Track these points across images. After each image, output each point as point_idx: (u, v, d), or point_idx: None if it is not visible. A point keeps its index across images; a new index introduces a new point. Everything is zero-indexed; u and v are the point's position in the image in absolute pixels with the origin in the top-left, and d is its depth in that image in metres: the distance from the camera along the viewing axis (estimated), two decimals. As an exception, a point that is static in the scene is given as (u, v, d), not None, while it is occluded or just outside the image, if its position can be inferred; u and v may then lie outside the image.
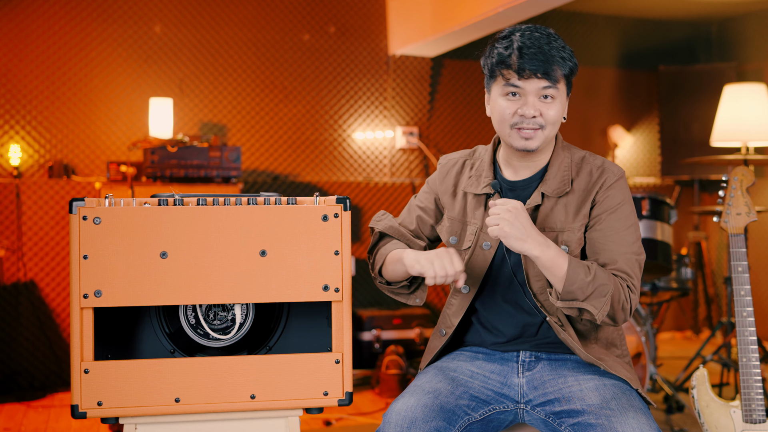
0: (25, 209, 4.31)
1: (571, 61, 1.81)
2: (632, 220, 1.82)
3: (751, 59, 5.52)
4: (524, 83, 1.76)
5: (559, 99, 1.80)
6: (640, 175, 5.79)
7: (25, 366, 4.29)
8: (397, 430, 1.68)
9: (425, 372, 1.89)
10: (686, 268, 3.86)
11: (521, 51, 1.75)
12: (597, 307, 1.70)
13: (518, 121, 1.79)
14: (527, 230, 1.68)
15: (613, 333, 1.89)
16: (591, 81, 5.68)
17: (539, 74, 1.75)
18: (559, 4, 3.83)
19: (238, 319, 1.70)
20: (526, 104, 1.77)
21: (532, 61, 1.74)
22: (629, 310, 1.75)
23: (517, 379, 1.86)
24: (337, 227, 1.68)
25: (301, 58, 4.87)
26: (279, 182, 4.82)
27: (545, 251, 1.69)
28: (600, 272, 1.72)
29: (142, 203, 1.63)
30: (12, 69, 4.34)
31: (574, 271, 1.69)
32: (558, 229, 1.82)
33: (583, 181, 1.84)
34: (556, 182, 1.84)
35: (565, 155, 1.88)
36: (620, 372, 1.81)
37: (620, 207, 1.81)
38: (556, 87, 1.78)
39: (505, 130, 1.81)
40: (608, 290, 1.70)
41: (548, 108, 1.79)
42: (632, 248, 1.79)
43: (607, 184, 1.82)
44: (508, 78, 1.78)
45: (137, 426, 1.67)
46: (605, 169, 1.84)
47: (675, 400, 3.64)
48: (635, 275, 1.78)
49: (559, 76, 1.78)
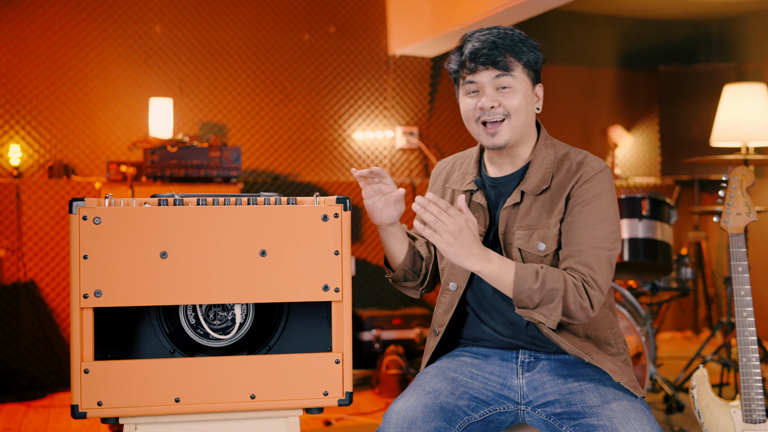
0: (25, 209, 4.31)
1: (531, 51, 1.82)
2: (608, 214, 1.79)
3: (751, 59, 5.52)
4: (477, 76, 1.80)
5: (520, 88, 1.81)
6: (640, 175, 5.79)
7: (25, 366, 4.29)
8: (397, 429, 1.68)
9: (425, 372, 1.89)
10: (686, 268, 3.86)
11: (472, 50, 1.80)
12: (545, 314, 1.70)
13: (480, 115, 1.81)
14: (467, 249, 1.67)
15: (606, 331, 1.87)
16: (591, 81, 5.68)
17: (489, 65, 1.78)
18: (559, 4, 3.84)
19: (238, 319, 1.70)
20: (484, 97, 1.80)
21: (481, 55, 1.78)
22: (588, 308, 1.72)
23: (517, 381, 1.86)
24: (337, 227, 1.68)
25: (301, 58, 4.87)
26: (279, 182, 4.82)
27: (486, 266, 1.69)
28: (550, 276, 1.70)
29: (142, 203, 1.63)
30: (12, 69, 4.34)
31: (520, 281, 1.70)
32: (535, 226, 1.82)
33: (561, 177, 1.84)
34: (537, 180, 1.84)
35: (548, 152, 1.87)
36: (605, 365, 1.80)
37: (594, 200, 1.79)
38: (512, 75, 1.80)
39: (473, 128, 1.85)
40: (557, 295, 1.70)
41: (506, 97, 1.80)
42: (602, 242, 1.77)
43: (583, 179, 1.81)
44: (464, 76, 1.83)
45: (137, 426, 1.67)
46: (584, 164, 1.83)
47: (675, 400, 3.64)
48: (599, 270, 1.75)
49: (514, 65, 1.80)
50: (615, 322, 1.91)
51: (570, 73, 5.61)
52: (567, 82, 5.61)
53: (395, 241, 1.91)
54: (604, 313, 1.87)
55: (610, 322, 1.89)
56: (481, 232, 1.87)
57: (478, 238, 1.71)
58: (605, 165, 1.85)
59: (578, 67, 5.64)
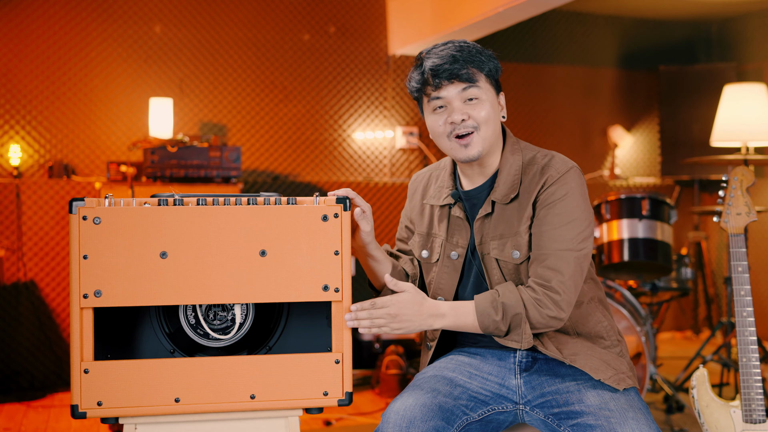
0: (25, 209, 4.31)
1: (489, 61, 1.83)
2: (574, 215, 1.78)
3: (751, 59, 5.52)
4: (442, 92, 1.80)
5: (486, 98, 1.81)
6: (640, 175, 5.79)
7: (25, 366, 4.29)
8: (396, 429, 1.68)
9: (424, 372, 1.89)
10: (686, 268, 3.86)
11: (432, 66, 1.80)
12: (517, 340, 1.75)
13: (452, 130, 1.81)
14: (415, 320, 1.72)
15: (597, 326, 1.87)
16: (591, 81, 5.68)
17: (453, 79, 1.78)
18: (559, 4, 3.84)
19: (238, 319, 1.70)
20: (453, 111, 1.80)
21: (443, 70, 1.78)
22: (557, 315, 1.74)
23: (515, 380, 1.86)
24: (337, 227, 1.68)
25: (301, 58, 4.87)
26: (279, 182, 4.82)
27: (442, 321, 1.75)
28: (508, 303, 1.73)
29: (142, 203, 1.63)
30: (12, 69, 4.34)
31: (483, 317, 1.73)
32: (508, 234, 1.82)
33: (528, 183, 1.83)
34: (506, 188, 1.84)
35: (515, 158, 1.86)
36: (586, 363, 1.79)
37: (560, 202, 1.78)
38: (477, 86, 1.80)
39: (444, 144, 1.84)
40: (521, 318, 1.73)
41: (475, 109, 1.80)
42: (569, 244, 1.76)
43: (549, 182, 1.80)
44: (429, 94, 1.82)
45: (137, 426, 1.67)
46: (549, 167, 1.82)
47: (675, 400, 3.64)
48: (565, 271, 1.75)
49: (478, 75, 1.81)
50: (606, 315, 1.90)
51: (570, 73, 5.61)
52: (567, 82, 5.61)
53: (377, 263, 1.91)
54: (592, 307, 1.87)
55: (600, 316, 1.88)
56: (462, 245, 1.89)
57: (422, 300, 1.74)
58: (572, 165, 1.83)
59: (578, 67, 5.64)
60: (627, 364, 1.87)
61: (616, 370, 1.81)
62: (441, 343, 1.98)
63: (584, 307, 1.86)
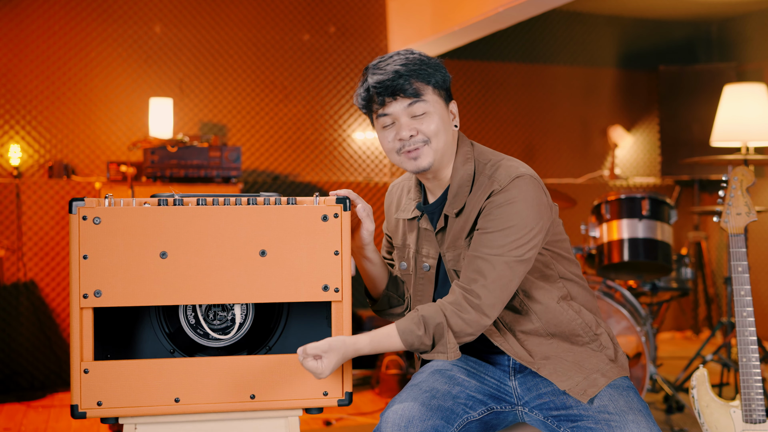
0: (25, 209, 4.31)
1: (437, 72, 1.79)
2: (512, 221, 1.72)
3: (751, 59, 5.52)
4: (389, 108, 1.77)
5: (435, 111, 1.78)
6: (640, 175, 5.79)
7: (25, 366, 4.29)
8: (395, 428, 1.68)
9: (421, 371, 1.89)
10: (686, 268, 3.86)
11: (376, 83, 1.77)
12: (443, 351, 1.70)
13: (400, 146, 1.78)
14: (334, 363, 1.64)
15: (571, 323, 1.83)
16: (591, 81, 5.68)
17: (398, 95, 1.75)
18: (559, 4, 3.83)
19: (238, 319, 1.70)
20: (401, 127, 1.77)
21: (386, 87, 1.75)
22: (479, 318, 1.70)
23: (510, 382, 1.86)
24: (337, 227, 1.68)
25: (301, 58, 4.87)
26: (279, 182, 4.82)
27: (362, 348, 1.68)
28: (429, 315, 1.70)
29: (142, 203, 1.63)
30: (12, 69, 4.34)
31: (405, 335, 1.69)
32: (459, 246, 1.81)
33: (474, 194, 1.80)
34: (457, 201, 1.81)
35: (465, 169, 1.83)
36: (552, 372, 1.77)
37: (498, 209, 1.74)
38: (424, 100, 1.77)
39: (395, 158, 1.82)
40: (443, 328, 1.69)
41: (423, 123, 1.77)
42: (500, 250, 1.71)
43: (493, 194, 1.76)
44: (376, 111, 1.80)
45: (137, 426, 1.67)
46: (493, 179, 1.77)
47: (675, 400, 3.64)
48: (489, 275, 1.70)
49: (423, 88, 1.77)
50: (582, 312, 1.85)
51: (570, 73, 5.61)
52: (567, 82, 5.61)
53: (374, 266, 1.90)
54: (562, 306, 1.83)
55: (572, 314, 1.83)
56: (433, 256, 1.87)
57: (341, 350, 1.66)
58: (518, 173, 1.76)
59: (578, 67, 5.64)
60: (606, 357, 1.83)
61: (588, 371, 1.78)
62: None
63: (553, 307, 1.82)
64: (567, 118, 5.60)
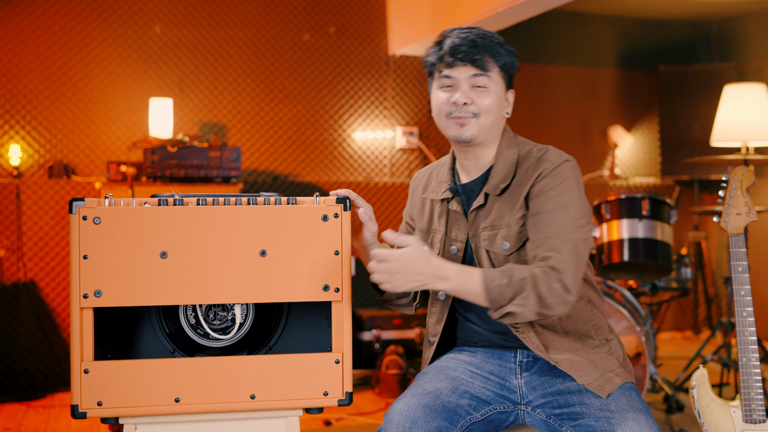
0: (25, 209, 4.31)
1: (507, 55, 1.84)
2: (569, 201, 1.76)
3: (751, 59, 5.52)
4: (454, 71, 1.82)
5: (494, 89, 1.83)
6: (640, 175, 5.79)
7: (25, 366, 4.29)
8: (399, 429, 1.68)
9: (425, 372, 1.89)
10: (686, 268, 3.86)
11: (452, 45, 1.82)
12: (520, 305, 1.68)
13: (452, 110, 1.83)
14: (415, 275, 1.65)
15: (586, 324, 1.85)
16: (591, 81, 5.68)
17: (467, 62, 1.80)
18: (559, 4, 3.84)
19: (238, 319, 1.70)
20: (458, 93, 1.82)
21: (460, 52, 1.80)
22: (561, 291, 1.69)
23: (516, 380, 1.86)
24: (337, 227, 1.68)
25: (301, 58, 4.87)
26: (279, 182, 4.82)
27: (445, 284, 1.68)
28: (516, 271, 1.69)
29: (142, 203, 1.63)
30: (12, 69, 4.34)
31: (488, 281, 1.68)
32: (499, 225, 1.83)
33: (521, 175, 1.84)
34: (498, 180, 1.85)
35: (511, 152, 1.88)
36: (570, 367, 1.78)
37: (554, 189, 1.78)
38: (488, 76, 1.82)
39: (442, 121, 1.86)
40: (527, 284, 1.68)
41: (480, 96, 1.82)
42: (565, 228, 1.74)
43: (543, 174, 1.80)
44: (441, 71, 1.84)
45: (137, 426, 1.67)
46: (544, 159, 1.83)
47: (675, 400, 3.64)
48: (565, 252, 1.72)
49: (491, 66, 1.82)
50: (596, 314, 1.88)
51: (570, 73, 5.61)
52: (567, 82, 5.61)
53: None
54: (581, 306, 1.86)
55: (589, 314, 1.86)
56: (461, 239, 1.89)
57: (426, 257, 1.67)
58: (567, 158, 1.83)
59: (578, 67, 5.64)
60: (617, 361, 1.86)
61: (603, 370, 1.80)
62: (443, 340, 1.97)
63: (575, 305, 1.84)
64: (567, 118, 5.60)
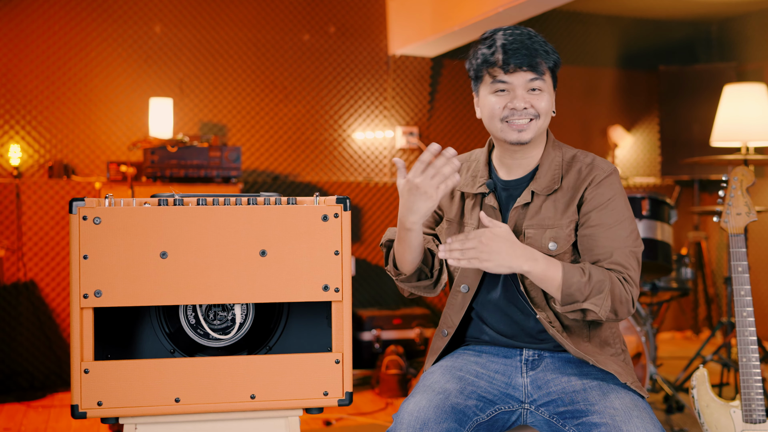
0: (25, 209, 4.31)
1: (554, 54, 1.85)
2: (625, 214, 1.83)
3: (751, 59, 5.52)
4: (511, 77, 1.80)
5: (547, 91, 1.84)
6: (640, 175, 5.79)
7: (25, 366, 4.29)
8: (410, 430, 1.68)
9: (432, 372, 1.89)
10: (686, 268, 3.86)
11: (505, 48, 1.80)
12: (597, 304, 1.73)
13: (508, 115, 1.81)
14: (506, 254, 1.69)
15: (606, 332, 1.88)
16: (591, 81, 5.68)
17: (524, 67, 1.79)
18: (559, 4, 3.84)
19: (238, 319, 1.70)
20: (516, 97, 1.81)
21: (516, 56, 1.78)
22: (630, 302, 1.76)
23: (521, 379, 1.86)
24: (337, 227, 1.68)
25: (301, 58, 4.87)
26: (279, 182, 4.82)
27: (534, 265, 1.71)
28: (594, 271, 1.74)
29: (142, 203, 1.63)
30: (12, 69, 4.34)
31: (569, 275, 1.72)
32: (547, 225, 1.84)
33: (572, 178, 1.86)
34: (546, 180, 1.86)
35: (556, 154, 1.90)
36: (609, 366, 1.81)
37: (610, 202, 1.82)
38: (543, 79, 1.82)
39: (496, 125, 1.84)
40: (605, 286, 1.73)
41: (537, 100, 1.82)
42: (626, 242, 1.80)
43: (596, 182, 1.84)
44: (494, 75, 1.82)
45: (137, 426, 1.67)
46: (594, 167, 1.86)
47: (675, 400, 3.64)
48: (632, 267, 1.79)
49: (544, 68, 1.82)
50: (615, 324, 1.92)
51: (570, 73, 5.61)
52: (567, 82, 5.61)
53: (416, 236, 1.80)
54: None
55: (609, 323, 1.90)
56: None
57: (515, 240, 1.72)
58: (614, 167, 1.88)
59: (578, 67, 5.64)
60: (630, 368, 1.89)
61: (633, 378, 1.84)
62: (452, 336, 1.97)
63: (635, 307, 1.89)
64: (567, 118, 5.60)
